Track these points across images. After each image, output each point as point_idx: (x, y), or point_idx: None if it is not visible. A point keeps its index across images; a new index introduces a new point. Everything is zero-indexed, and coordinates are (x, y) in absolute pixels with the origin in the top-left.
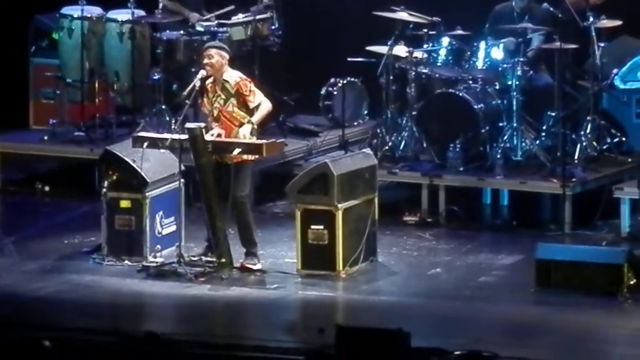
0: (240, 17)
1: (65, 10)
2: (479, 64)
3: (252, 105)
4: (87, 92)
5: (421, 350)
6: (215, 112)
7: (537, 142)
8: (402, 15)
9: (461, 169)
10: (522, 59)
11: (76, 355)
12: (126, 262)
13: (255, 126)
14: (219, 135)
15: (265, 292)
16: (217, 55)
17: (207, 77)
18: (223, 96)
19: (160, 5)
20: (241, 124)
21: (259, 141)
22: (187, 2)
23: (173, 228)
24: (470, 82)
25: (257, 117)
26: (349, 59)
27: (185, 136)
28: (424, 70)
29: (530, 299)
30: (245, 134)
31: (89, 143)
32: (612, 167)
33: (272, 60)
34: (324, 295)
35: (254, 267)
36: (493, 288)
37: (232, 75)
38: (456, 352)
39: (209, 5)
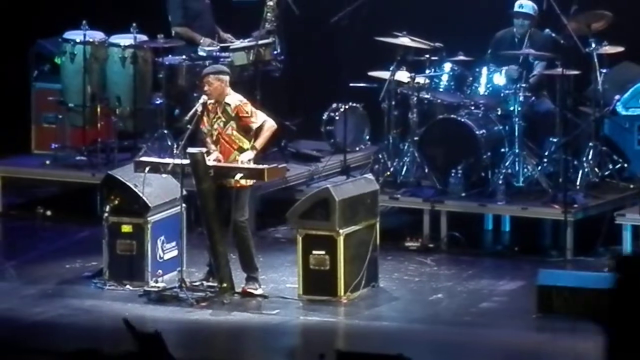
0: (242, 42)
1: (68, 35)
2: (481, 89)
3: (254, 127)
4: (88, 116)
5: None
6: (215, 134)
7: (539, 168)
8: (404, 40)
9: (463, 194)
10: (524, 85)
11: None
12: (127, 286)
13: (256, 151)
14: (217, 160)
15: (267, 318)
16: (215, 81)
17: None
18: (223, 119)
19: (173, 32)
20: (240, 148)
21: (261, 166)
22: (197, 27)
23: (175, 253)
24: (472, 107)
25: (261, 140)
26: (351, 84)
27: (186, 161)
28: (426, 96)
29: (532, 325)
30: (243, 161)
31: (90, 168)
32: (614, 194)
33: (274, 85)
34: (325, 320)
35: (256, 292)
36: (494, 314)
37: (233, 99)
38: None
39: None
